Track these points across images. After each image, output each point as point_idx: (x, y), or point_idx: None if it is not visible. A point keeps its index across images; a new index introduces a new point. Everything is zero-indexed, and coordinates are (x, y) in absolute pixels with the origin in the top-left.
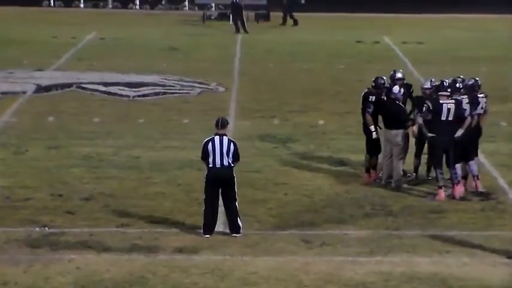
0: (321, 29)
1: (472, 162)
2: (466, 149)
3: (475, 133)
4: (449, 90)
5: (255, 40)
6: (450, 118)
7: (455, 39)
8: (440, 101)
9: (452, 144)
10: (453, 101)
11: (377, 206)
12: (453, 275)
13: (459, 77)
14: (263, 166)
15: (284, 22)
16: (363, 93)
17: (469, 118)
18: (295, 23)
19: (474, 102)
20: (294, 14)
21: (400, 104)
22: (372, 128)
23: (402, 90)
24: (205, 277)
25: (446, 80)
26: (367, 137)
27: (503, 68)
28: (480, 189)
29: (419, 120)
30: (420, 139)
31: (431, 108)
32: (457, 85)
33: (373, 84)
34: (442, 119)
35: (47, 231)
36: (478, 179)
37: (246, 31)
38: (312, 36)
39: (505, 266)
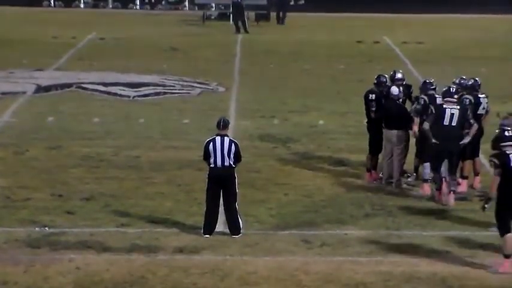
0: (321, 29)
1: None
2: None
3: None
4: (455, 96)
5: (255, 40)
6: (454, 124)
7: (455, 39)
8: (444, 106)
9: (457, 150)
10: (458, 107)
11: (377, 206)
12: (453, 275)
13: (462, 78)
14: (263, 166)
15: (279, 21)
16: (365, 93)
17: (475, 125)
18: (282, 21)
19: (476, 103)
20: (294, 14)
21: (401, 103)
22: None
23: (401, 89)
24: (205, 277)
25: (453, 86)
26: (370, 136)
27: (503, 68)
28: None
29: (426, 126)
30: (420, 139)
31: (433, 112)
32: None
33: (375, 82)
34: (445, 123)
35: (47, 231)
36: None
37: (246, 31)
38: (312, 36)
39: None
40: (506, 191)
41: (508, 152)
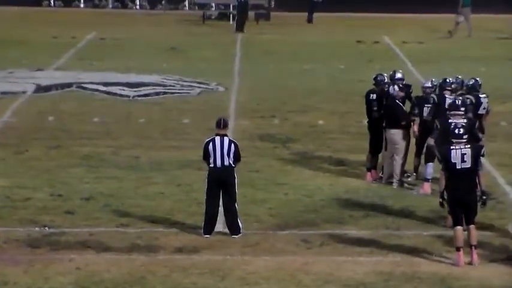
0: (321, 29)
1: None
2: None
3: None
4: (462, 109)
5: (255, 40)
6: None
7: (455, 39)
8: (450, 120)
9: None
10: (465, 121)
11: (377, 206)
12: (453, 275)
13: (457, 77)
14: (263, 166)
15: (310, 20)
16: (365, 93)
17: (483, 141)
18: (310, 21)
19: (476, 103)
20: (294, 14)
21: (398, 102)
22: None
23: (396, 88)
24: (205, 277)
25: (459, 99)
26: (372, 135)
27: (503, 68)
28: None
29: (430, 141)
30: (420, 139)
31: (438, 126)
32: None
33: (374, 82)
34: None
35: (47, 231)
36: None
37: (243, 30)
38: (312, 36)
39: (505, 266)
40: (451, 185)
41: (451, 147)
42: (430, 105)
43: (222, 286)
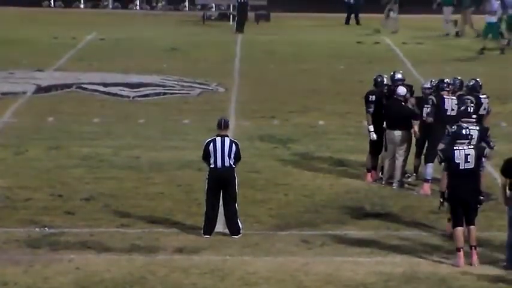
0: (321, 29)
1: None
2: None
3: None
4: (474, 116)
5: (255, 40)
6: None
7: (454, 39)
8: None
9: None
10: (477, 128)
11: (377, 206)
12: (453, 275)
13: (457, 78)
14: (263, 166)
15: (348, 21)
16: (365, 94)
17: (494, 149)
18: (358, 22)
19: (477, 103)
20: (294, 14)
21: (406, 104)
22: (371, 128)
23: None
24: (205, 277)
25: (471, 106)
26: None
27: (502, 68)
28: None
29: (440, 146)
30: (420, 140)
31: (450, 133)
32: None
33: (374, 83)
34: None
35: (47, 231)
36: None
37: (242, 31)
38: (312, 36)
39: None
40: (452, 185)
41: (455, 147)
42: (429, 106)
43: (222, 286)
